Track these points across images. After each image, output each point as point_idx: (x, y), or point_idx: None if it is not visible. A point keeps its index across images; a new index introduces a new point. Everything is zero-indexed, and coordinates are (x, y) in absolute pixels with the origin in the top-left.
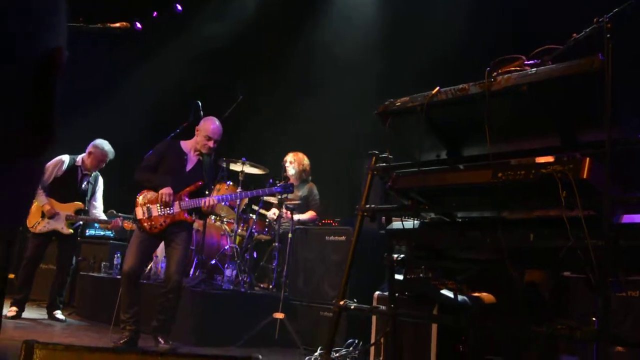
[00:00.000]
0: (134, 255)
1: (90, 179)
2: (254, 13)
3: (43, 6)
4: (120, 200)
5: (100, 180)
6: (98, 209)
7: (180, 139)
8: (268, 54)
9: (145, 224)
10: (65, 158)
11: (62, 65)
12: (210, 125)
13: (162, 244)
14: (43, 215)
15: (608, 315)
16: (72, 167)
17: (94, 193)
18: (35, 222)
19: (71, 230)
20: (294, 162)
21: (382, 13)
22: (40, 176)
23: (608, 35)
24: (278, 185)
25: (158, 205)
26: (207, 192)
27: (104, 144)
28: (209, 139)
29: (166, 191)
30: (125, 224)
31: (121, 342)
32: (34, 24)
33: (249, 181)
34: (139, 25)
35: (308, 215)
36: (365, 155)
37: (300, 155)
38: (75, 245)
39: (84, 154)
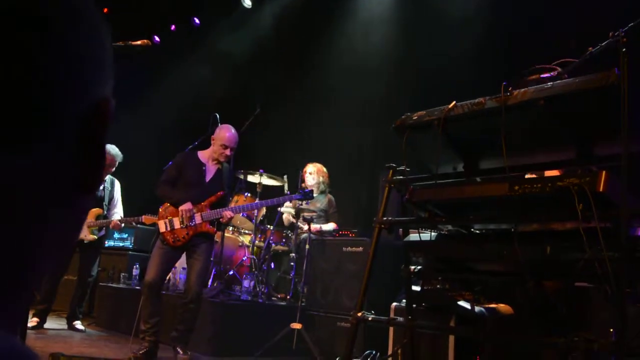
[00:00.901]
0: (156, 266)
1: (107, 184)
2: (271, 26)
3: (90, 59)
4: (143, 205)
5: (117, 185)
6: (117, 212)
7: (197, 150)
8: (285, 67)
9: (169, 237)
10: None
11: (110, 115)
12: (225, 133)
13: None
14: None
15: (625, 326)
16: None
17: (112, 198)
18: None
19: (94, 236)
20: (313, 173)
21: (399, 25)
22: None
23: (624, 49)
24: (298, 192)
25: (180, 218)
26: (229, 199)
27: (109, 148)
28: (225, 147)
29: (186, 207)
30: (145, 218)
31: (140, 352)
32: (83, 77)
33: (266, 192)
34: (157, 38)
35: (330, 225)
36: (382, 167)
37: (319, 165)
38: (97, 254)
39: None
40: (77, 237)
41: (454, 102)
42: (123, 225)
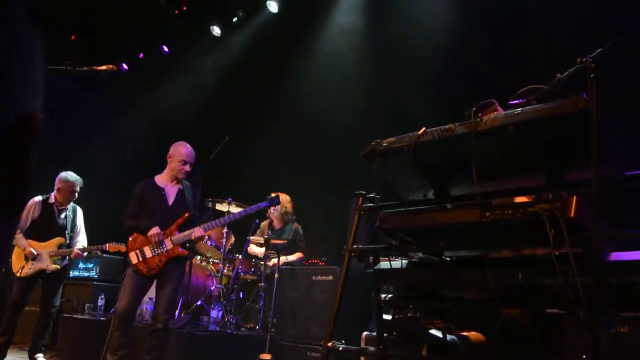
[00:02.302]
0: (128, 295)
1: (68, 212)
2: (242, 53)
3: (18, 73)
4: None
5: (80, 212)
6: (81, 241)
7: (152, 176)
8: (253, 95)
9: (142, 267)
10: (38, 199)
11: (38, 130)
12: (183, 149)
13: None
14: (27, 258)
15: (598, 352)
16: (47, 205)
17: (74, 226)
18: (20, 267)
19: (57, 266)
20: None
21: (365, 54)
22: (12, 235)
23: (592, 75)
24: (265, 200)
25: (150, 246)
26: (196, 215)
27: (68, 175)
28: (185, 162)
29: (154, 232)
30: (110, 246)
31: None
32: (7, 89)
33: (235, 221)
34: (125, 66)
35: (295, 256)
36: (352, 195)
37: (283, 195)
38: (60, 284)
39: (54, 191)
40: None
41: (423, 129)
42: (85, 254)
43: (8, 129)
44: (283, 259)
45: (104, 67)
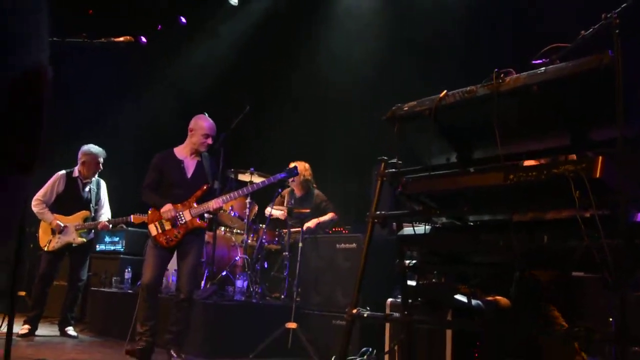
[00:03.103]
0: (152, 267)
1: (92, 185)
2: (260, 22)
3: (21, 24)
4: (132, 205)
5: (103, 186)
6: (105, 214)
7: (172, 147)
8: (273, 64)
9: (161, 239)
10: (62, 173)
11: (47, 84)
12: (204, 122)
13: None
14: (54, 232)
15: (625, 315)
16: (71, 179)
17: (98, 199)
18: (47, 241)
19: (83, 239)
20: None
21: (386, 20)
22: (24, 197)
23: (617, 31)
24: (284, 171)
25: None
26: (214, 189)
27: (91, 147)
28: (207, 136)
29: (165, 209)
30: (134, 218)
31: (137, 347)
32: (12, 42)
33: (257, 191)
34: (144, 39)
35: (329, 216)
36: (374, 161)
37: (302, 163)
38: (86, 258)
39: (78, 165)
40: (12, 224)
41: (444, 91)
42: (111, 226)
43: (17, 84)
44: (315, 220)
45: (121, 39)
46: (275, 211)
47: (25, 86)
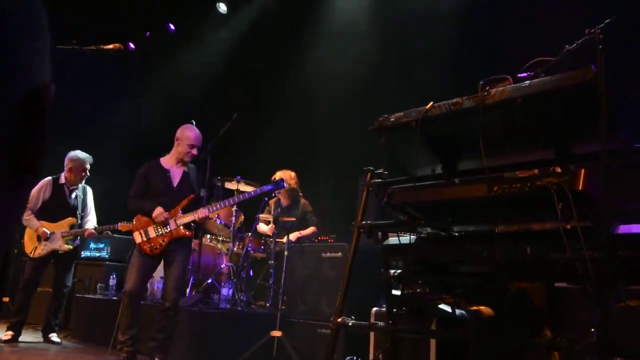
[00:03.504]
0: (135, 274)
1: (79, 192)
2: (249, 30)
3: (27, 43)
4: (118, 213)
5: (90, 192)
6: (91, 221)
7: (160, 156)
8: (261, 73)
9: (146, 247)
10: (48, 179)
11: (50, 101)
12: (190, 133)
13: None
14: (39, 239)
15: (607, 326)
16: (58, 185)
17: (85, 206)
18: (33, 248)
19: (69, 246)
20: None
21: (374, 30)
22: (23, 206)
23: (600, 46)
24: (270, 183)
25: (154, 226)
26: (200, 197)
27: (78, 153)
28: (192, 146)
29: (157, 212)
30: (121, 226)
31: None
32: (17, 62)
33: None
34: (132, 45)
35: (310, 230)
36: (360, 172)
37: (288, 172)
38: (72, 264)
39: (64, 172)
40: (13, 229)
41: (431, 103)
42: (97, 234)
43: (22, 99)
44: (296, 234)
45: (110, 46)
46: (264, 226)
47: (31, 104)
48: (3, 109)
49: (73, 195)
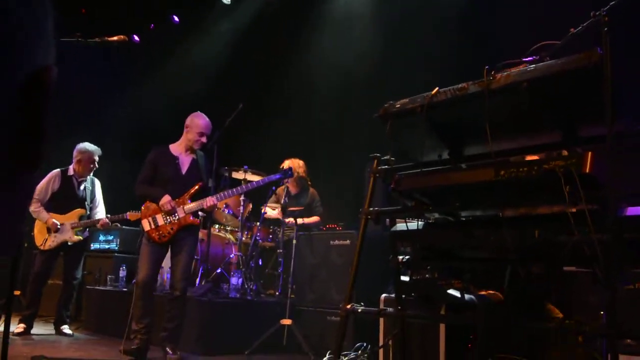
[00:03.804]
0: (146, 264)
1: (87, 184)
2: (253, 20)
3: (29, 27)
4: (126, 204)
5: (98, 184)
6: (100, 212)
7: (167, 144)
8: (267, 62)
9: (154, 235)
10: (57, 171)
11: (52, 84)
12: (200, 120)
13: (167, 254)
14: (49, 231)
15: (615, 308)
16: (66, 178)
17: (93, 197)
18: (43, 240)
19: (79, 237)
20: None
21: (379, 17)
22: (32, 192)
23: (606, 29)
24: (278, 172)
25: (162, 214)
26: (209, 187)
27: (86, 145)
28: (202, 134)
29: (165, 200)
30: (130, 215)
31: (132, 347)
32: (20, 44)
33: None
34: (136, 38)
35: (312, 219)
36: (367, 158)
37: (297, 161)
38: (81, 256)
39: (73, 164)
40: (21, 223)
41: (436, 88)
42: (111, 223)
43: (23, 84)
44: (300, 221)
45: (115, 38)
46: (271, 211)
47: (33, 86)
48: (5, 91)
49: (82, 187)
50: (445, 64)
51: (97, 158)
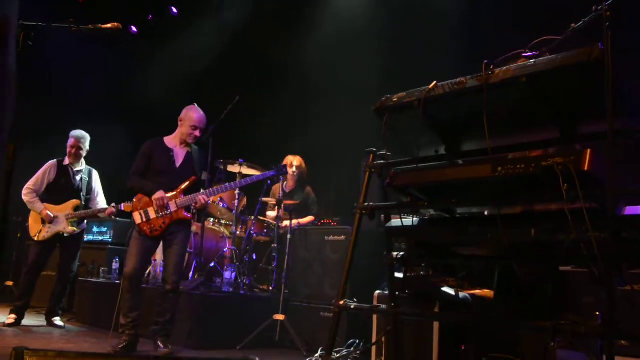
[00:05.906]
0: (135, 257)
1: (84, 175)
2: (250, 14)
3: None
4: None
5: (96, 175)
6: (100, 203)
7: (163, 137)
8: (263, 55)
9: (145, 228)
10: (54, 162)
11: (11, 35)
12: (194, 114)
13: (160, 248)
14: (44, 222)
15: (612, 309)
16: (62, 168)
17: (91, 188)
18: (38, 231)
19: (74, 228)
20: (293, 166)
21: (377, 10)
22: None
23: (607, 24)
24: (273, 169)
25: (154, 207)
26: (202, 180)
27: (73, 132)
28: (195, 128)
29: (158, 196)
30: (125, 206)
31: (120, 347)
32: None
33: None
34: (134, 29)
35: (307, 219)
36: (362, 153)
37: (297, 158)
38: (78, 249)
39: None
40: None
41: (434, 82)
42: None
43: None
44: (295, 222)
45: (109, 25)
46: (272, 214)
47: None
48: None
49: (78, 178)
50: (444, 58)
51: (82, 144)
